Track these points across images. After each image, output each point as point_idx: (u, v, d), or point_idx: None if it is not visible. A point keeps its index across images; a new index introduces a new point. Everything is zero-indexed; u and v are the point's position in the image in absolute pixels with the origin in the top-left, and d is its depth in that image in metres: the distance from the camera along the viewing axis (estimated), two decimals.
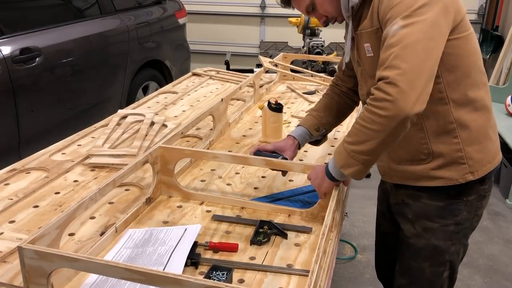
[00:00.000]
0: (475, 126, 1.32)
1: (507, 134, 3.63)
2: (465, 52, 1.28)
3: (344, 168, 1.26)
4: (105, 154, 1.80)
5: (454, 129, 1.31)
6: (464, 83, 1.29)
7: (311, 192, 1.58)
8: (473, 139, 1.33)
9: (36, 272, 0.99)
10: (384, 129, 1.15)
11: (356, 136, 1.20)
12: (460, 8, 1.26)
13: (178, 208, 1.48)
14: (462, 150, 1.32)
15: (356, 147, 1.21)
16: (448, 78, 1.27)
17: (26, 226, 1.36)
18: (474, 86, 1.31)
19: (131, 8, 3.86)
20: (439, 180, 1.35)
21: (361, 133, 1.19)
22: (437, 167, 1.34)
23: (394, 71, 1.12)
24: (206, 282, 0.89)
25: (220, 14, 6.23)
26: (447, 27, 1.21)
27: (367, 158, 1.21)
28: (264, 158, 1.48)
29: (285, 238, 1.31)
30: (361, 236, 3.00)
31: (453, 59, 1.26)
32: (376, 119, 1.15)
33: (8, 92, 2.66)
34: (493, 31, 5.36)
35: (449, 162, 1.33)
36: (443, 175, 1.35)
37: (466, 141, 1.32)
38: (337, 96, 1.64)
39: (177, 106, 2.47)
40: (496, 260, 2.83)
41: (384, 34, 1.20)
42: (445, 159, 1.33)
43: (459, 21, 1.25)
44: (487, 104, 1.35)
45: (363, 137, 1.18)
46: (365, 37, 1.33)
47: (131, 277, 0.92)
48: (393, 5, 1.18)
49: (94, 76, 3.34)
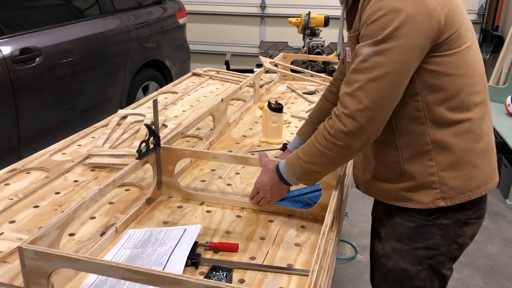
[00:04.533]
0: (457, 151, 1.20)
1: (507, 134, 3.63)
2: (452, 70, 1.16)
3: (300, 179, 1.30)
4: (105, 154, 1.80)
5: (430, 151, 1.21)
6: (447, 104, 1.18)
7: (311, 193, 1.58)
8: (452, 164, 1.21)
9: (36, 273, 0.99)
10: (340, 156, 1.20)
11: (312, 157, 1.23)
12: (454, 21, 1.13)
13: (178, 208, 1.48)
14: (436, 174, 1.21)
15: (312, 166, 1.24)
16: (428, 97, 1.17)
17: (26, 226, 1.36)
18: (461, 107, 1.18)
19: (131, 8, 3.86)
20: (409, 202, 1.26)
21: (317, 155, 1.22)
22: (408, 188, 1.25)
23: (356, 105, 1.11)
24: (206, 282, 0.89)
25: (220, 14, 6.23)
26: (423, 49, 1.11)
27: (323, 174, 1.29)
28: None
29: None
30: (361, 236, 3.00)
31: (435, 77, 1.16)
32: (332, 147, 1.18)
33: (8, 92, 2.66)
34: (493, 31, 5.36)
35: (421, 185, 1.23)
36: (413, 197, 1.25)
37: (442, 165, 1.21)
38: (333, 96, 1.57)
39: (177, 106, 2.47)
40: (496, 260, 2.83)
41: (356, 48, 1.14)
42: (416, 181, 1.23)
43: (449, 36, 1.13)
44: (477, 128, 1.21)
45: (319, 159, 1.22)
46: (348, 41, 1.27)
47: (132, 277, 0.92)
48: (369, 22, 1.10)
49: (94, 76, 3.34)
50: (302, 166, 1.25)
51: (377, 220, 1.42)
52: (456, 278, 2.62)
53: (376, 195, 1.36)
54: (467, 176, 1.22)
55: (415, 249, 1.29)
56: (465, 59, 1.17)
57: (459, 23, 1.15)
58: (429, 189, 1.23)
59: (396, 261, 1.32)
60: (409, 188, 1.25)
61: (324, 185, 1.41)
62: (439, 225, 1.26)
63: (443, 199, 1.23)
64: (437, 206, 1.23)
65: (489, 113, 1.26)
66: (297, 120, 2.26)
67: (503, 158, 3.56)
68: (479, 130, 1.22)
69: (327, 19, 3.80)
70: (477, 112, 1.21)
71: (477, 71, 1.21)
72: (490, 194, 1.31)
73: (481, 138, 1.23)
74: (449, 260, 1.32)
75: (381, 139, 1.22)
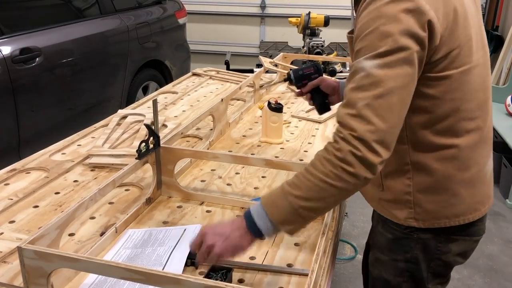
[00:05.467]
0: (437, 176, 1.12)
1: (507, 134, 3.63)
2: (442, 94, 1.06)
3: (283, 225, 1.03)
4: (105, 154, 1.80)
5: (409, 171, 1.14)
6: (432, 128, 1.09)
7: None
8: (429, 187, 1.14)
9: (36, 272, 0.99)
10: (346, 188, 0.99)
11: (309, 191, 0.99)
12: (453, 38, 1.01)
13: (178, 208, 1.48)
14: (411, 194, 1.15)
15: (307, 204, 1.00)
16: (412, 118, 1.08)
17: (26, 226, 1.36)
18: (448, 132, 1.10)
19: (131, 8, 3.86)
20: (386, 212, 1.23)
21: (319, 188, 0.99)
22: (386, 200, 1.21)
23: (365, 126, 0.95)
24: (206, 281, 0.89)
25: (220, 14, 6.23)
26: (421, 64, 1.01)
27: (315, 216, 1.04)
28: (264, 158, 1.48)
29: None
30: (361, 236, 3.00)
31: (424, 100, 1.06)
32: (340, 174, 0.97)
33: (8, 92, 2.66)
34: (493, 31, 5.36)
35: (397, 200, 1.18)
36: (390, 209, 1.21)
37: (418, 186, 1.14)
38: None
39: (177, 106, 2.47)
40: (496, 260, 2.83)
41: (354, 64, 1.02)
42: (393, 195, 1.19)
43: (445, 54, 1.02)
44: (464, 156, 1.12)
45: (322, 193, 0.99)
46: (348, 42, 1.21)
47: (131, 277, 0.92)
48: (366, 32, 0.99)
49: (94, 76, 3.34)
50: (291, 204, 1.00)
51: (371, 227, 1.41)
52: (456, 278, 2.62)
53: (365, 196, 1.33)
54: (444, 203, 1.15)
55: (395, 261, 1.25)
56: (462, 82, 1.06)
57: (462, 42, 1.04)
58: (403, 207, 1.18)
59: (379, 271, 1.30)
60: (387, 200, 1.22)
61: None
62: (416, 239, 1.20)
63: (416, 220, 1.18)
64: (409, 225, 1.19)
65: (484, 142, 1.16)
66: (297, 120, 2.26)
67: (503, 158, 3.56)
68: (467, 159, 1.13)
69: (327, 19, 3.80)
70: (467, 139, 1.12)
71: (476, 96, 1.11)
72: None
73: (468, 167, 1.13)
74: (433, 277, 1.24)
75: None
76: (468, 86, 1.08)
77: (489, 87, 1.16)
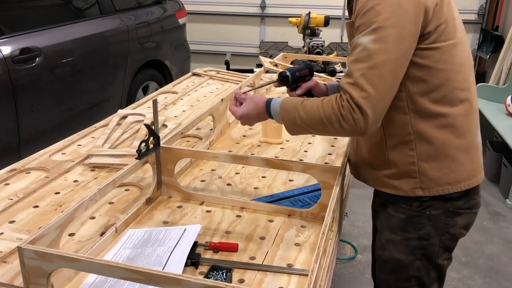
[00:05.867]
0: (436, 143, 1.24)
1: (507, 134, 3.62)
2: (435, 64, 1.19)
3: (286, 124, 1.29)
4: (105, 154, 1.80)
5: (412, 141, 1.25)
6: (430, 96, 1.22)
7: (311, 192, 1.58)
8: (432, 155, 1.25)
9: (36, 272, 0.99)
10: (335, 133, 1.22)
11: (311, 120, 1.22)
12: (441, 15, 1.17)
13: (178, 208, 1.48)
14: (416, 164, 1.26)
15: (305, 126, 1.24)
16: (411, 88, 1.21)
17: (26, 226, 1.36)
18: (444, 101, 1.22)
19: (131, 8, 3.86)
20: (391, 188, 1.31)
21: (316, 121, 1.21)
22: (391, 175, 1.30)
23: (359, 93, 1.12)
24: (205, 281, 0.89)
25: (220, 14, 6.23)
26: (414, 39, 1.15)
27: (306, 130, 1.26)
28: (264, 158, 1.48)
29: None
30: (361, 236, 3.00)
31: (418, 69, 1.19)
32: (335, 123, 1.17)
33: (8, 92, 2.66)
34: (493, 31, 5.35)
35: (402, 173, 1.28)
36: (394, 184, 1.30)
37: (422, 155, 1.25)
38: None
39: (177, 106, 2.47)
40: (496, 260, 2.83)
41: (354, 40, 1.17)
42: (398, 169, 1.28)
43: (434, 28, 1.16)
44: (459, 123, 1.24)
45: (316, 125, 1.22)
46: (346, 27, 1.32)
47: (131, 277, 0.92)
48: (363, 11, 1.14)
49: (94, 76, 3.34)
50: (295, 119, 1.25)
51: (374, 212, 1.48)
52: (456, 278, 2.62)
53: (364, 179, 1.40)
54: (446, 169, 1.26)
55: (408, 240, 1.33)
56: (450, 55, 1.20)
57: (447, 18, 1.18)
58: (409, 177, 1.28)
59: (390, 252, 1.36)
60: (391, 175, 1.30)
61: (324, 185, 1.41)
62: (428, 216, 1.30)
63: (422, 189, 1.27)
64: (415, 194, 1.28)
65: (474, 112, 1.28)
66: None
67: (503, 158, 3.55)
68: (461, 127, 1.25)
69: (327, 19, 3.80)
70: (460, 109, 1.24)
71: (463, 69, 1.24)
72: (490, 194, 1.33)
73: (463, 135, 1.25)
74: (443, 251, 1.34)
75: None
76: (456, 59, 1.22)
77: (472, 63, 1.30)
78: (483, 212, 3.30)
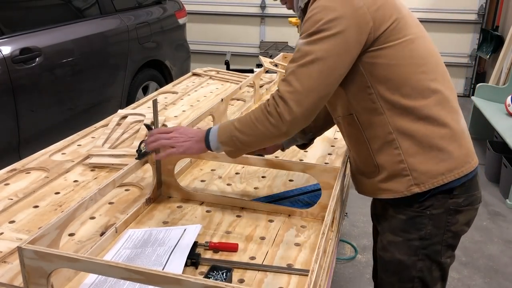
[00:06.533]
0: (418, 136, 1.24)
1: (507, 134, 3.62)
2: (395, 61, 1.22)
3: (223, 144, 1.31)
4: (105, 154, 1.80)
5: (394, 140, 1.25)
6: (399, 92, 1.23)
7: (311, 192, 1.58)
8: (417, 149, 1.25)
9: (36, 273, 0.99)
10: (267, 134, 1.23)
11: (244, 126, 1.26)
12: (386, 17, 1.19)
13: (178, 208, 1.48)
14: (404, 162, 1.25)
15: (239, 135, 1.27)
16: (379, 88, 1.23)
17: (26, 226, 1.36)
18: (414, 95, 1.23)
19: (131, 8, 3.85)
20: (387, 192, 1.30)
21: (249, 126, 1.25)
22: (384, 179, 1.29)
23: (286, 87, 1.19)
24: (205, 281, 0.89)
25: (220, 14, 6.23)
26: (358, 42, 1.18)
27: (242, 147, 1.29)
28: (264, 158, 1.48)
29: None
30: (361, 236, 3.00)
31: (380, 69, 1.22)
32: (265, 122, 1.22)
33: (8, 92, 2.66)
34: (493, 31, 5.36)
35: (393, 174, 1.27)
36: (389, 187, 1.29)
37: (408, 151, 1.25)
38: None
39: (177, 106, 2.47)
40: (496, 260, 2.83)
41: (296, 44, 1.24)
42: (388, 171, 1.28)
43: (384, 30, 1.19)
44: (435, 114, 1.24)
45: (250, 131, 1.25)
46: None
47: (131, 277, 0.92)
48: (307, 18, 1.20)
49: (94, 76, 3.34)
50: (231, 131, 1.28)
51: (374, 215, 1.47)
52: (456, 278, 2.62)
53: (363, 191, 1.40)
54: (435, 160, 1.25)
55: (409, 240, 1.32)
56: (408, 50, 1.22)
57: (397, 17, 1.21)
58: (401, 177, 1.27)
59: (392, 253, 1.35)
60: (384, 179, 1.29)
61: (324, 185, 1.41)
62: (429, 215, 1.29)
63: (417, 185, 1.26)
64: (412, 193, 1.26)
65: (447, 100, 1.27)
66: None
67: (503, 158, 3.55)
68: (439, 116, 1.25)
69: None
70: (434, 99, 1.25)
71: (427, 61, 1.26)
72: (490, 194, 1.32)
73: (443, 124, 1.25)
74: (446, 249, 1.34)
75: (352, 136, 1.33)
76: (416, 53, 1.24)
77: (437, 54, 1.31)
78: (483, 212, 3.30)
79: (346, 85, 1.26)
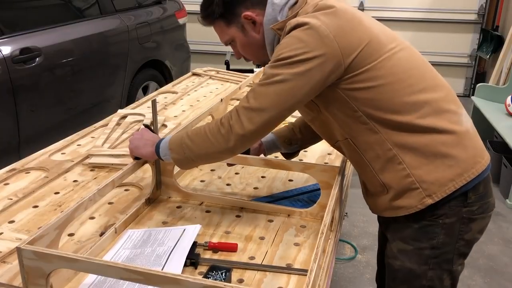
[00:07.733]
0: (419, 147, 1.21)
1: (507, 134, 3.62)
2: (378, 82, 1.19)
3: (171, 151, 1.31)
4: (105, 154, 1.80)
5: (395, 155, 1.22)
6: (389, 110, 1.20)
7: (311, 192, 1.58)
8: (421, 160, 1.22)
9: (35, 273, 0.99)
10: (216, 146, 1.24)
11: (196, 135, 1.27)
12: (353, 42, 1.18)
13: (177, 208, 1.48)
14: (411, 175, 1.22)
15: (190, 143, 1.27)
16: (367, 110, 1.21)
17: (26, 226, 1.36)
18: (404, 110, 1.21)
19: (131, 8, 3.85)
20: (401, 209, 1.26)
21: (200, 135, 1.26)
22: (394, 197, 1.26)
23: (243, 103, 1.21)
24: (205, 281, 0.89)
25: None
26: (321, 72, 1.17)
27: (191, 157, 1.29)
28: (263, 158, 1.48)
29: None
30: (361, 236, 3.00)
31: (364, 92, 1.20)
32: (216, 133, 1.23)
33: (8, 92, 2.66)
34: (493, 31, 5.36)
35: (402, 190, 1.24)
36: (402, 204, 1.25)
37: (411, 164, 1.22)
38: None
39: (177, 106, 2.47)
40: (496, 260, 2.83)
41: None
42: (397, 188, 1.24)
43: (355, 56, 1.18)
44: (431, 123, 1.21)
45: (199, 139, 1.26)
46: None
47: (130, 277, 0.93)
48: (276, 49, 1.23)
49: (94, 76, 3.34)
50: (182, 138, 1.29)
51: (383, 223, 1.43)
52: None
53: (376, 211, 1.36)
54: (441, 167, 1.22)
55: (420, 249, 1.28)
56: (388, 68, 1.20)
57: (366, 41, 1.19)
58: (411, 191, 1.23)
59: (402, 261, 1.32)
60: (394, 197, 1.26)
61: (324, 185, 1.41)
62: (441, 225, 1.25)
63: (429, 196, 1.22)
64: (425, 205, 1.22)
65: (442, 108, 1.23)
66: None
67: (503, 158, 3.55)
68: (435, 125, 1.21)
69: None
70: (426, 110, 1.21)
71: (412, 73, 1.23)
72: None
73: (441, 131, 1.22)
74: (458, 257, 1.31)
75: (353, 159, 1.31)
76: (398, 68, 1.21)
77: (424, 61, 1.29)
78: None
79: (333, 113, 1.25)
